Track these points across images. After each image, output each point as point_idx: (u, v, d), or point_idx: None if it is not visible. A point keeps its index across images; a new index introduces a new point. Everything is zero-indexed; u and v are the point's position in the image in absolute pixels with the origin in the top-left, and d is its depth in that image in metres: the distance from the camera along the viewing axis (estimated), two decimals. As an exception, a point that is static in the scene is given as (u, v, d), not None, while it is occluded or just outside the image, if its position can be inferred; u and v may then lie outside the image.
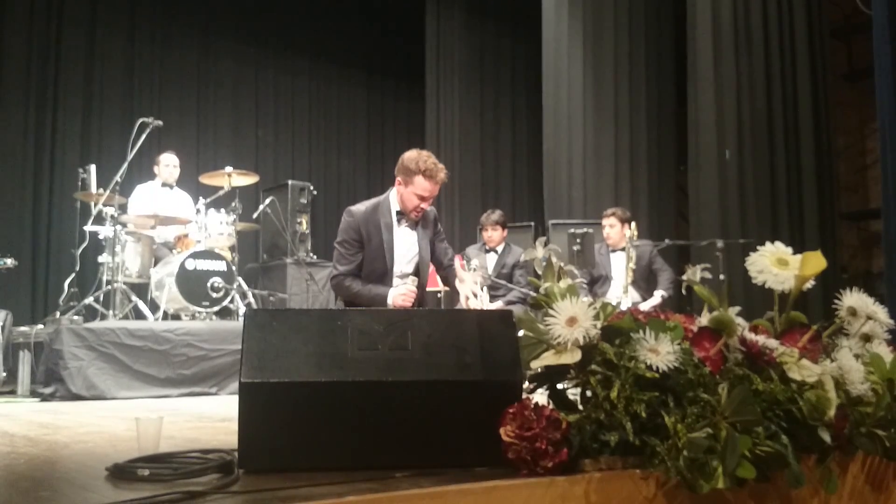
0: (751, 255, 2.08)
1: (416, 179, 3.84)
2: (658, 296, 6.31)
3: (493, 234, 6.73)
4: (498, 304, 6.42)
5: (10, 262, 5.71)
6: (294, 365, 1.81)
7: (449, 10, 9.81)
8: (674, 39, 8.25)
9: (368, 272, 3.90)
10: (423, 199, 3.87)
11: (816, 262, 2.02)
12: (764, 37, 6.60)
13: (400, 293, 3.80)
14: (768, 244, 2.11)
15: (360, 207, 3.95)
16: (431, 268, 6.10)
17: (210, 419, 3.71)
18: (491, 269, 6.61)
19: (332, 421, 1.79)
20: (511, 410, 1.74)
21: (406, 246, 3.97)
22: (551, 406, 1.82)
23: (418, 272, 3.96)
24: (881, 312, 2.19)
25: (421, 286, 4.01)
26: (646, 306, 6.05)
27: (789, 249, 2.09)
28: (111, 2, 8.85)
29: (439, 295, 6.46)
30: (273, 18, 9.89)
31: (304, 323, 1.89)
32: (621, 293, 6.04)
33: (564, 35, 8.09)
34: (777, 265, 2.04)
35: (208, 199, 6.63)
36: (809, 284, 2.07)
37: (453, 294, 6.62)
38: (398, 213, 3.95)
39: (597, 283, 6.54)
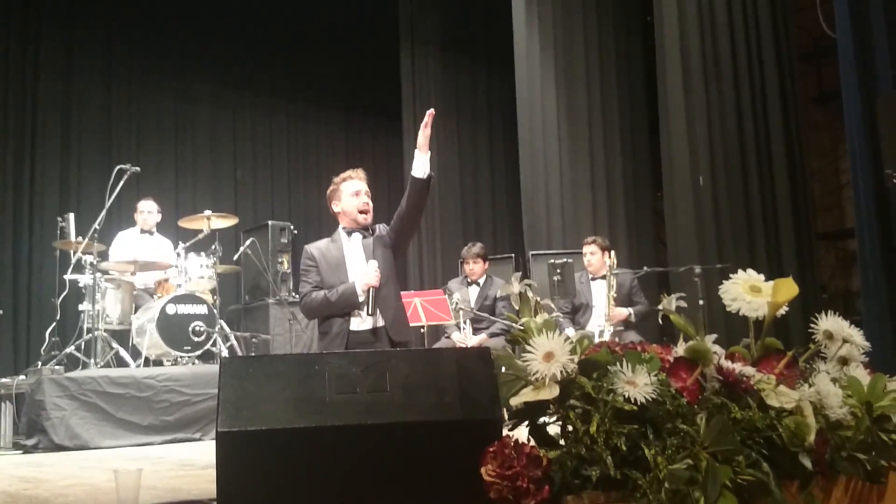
0: (724, 284, 2.10)
1: (342, 188, 4.09)
2: (628, 311, 6.24)
3: (475, 267, 6.74)
4: (481, 337, 6.42)
5: None
6: (272, 412, 1.80)
7: (423, 48, 9.90)
8: (644, 69, 8.38)
9: (329, 287, 3.97)
10: (357, 194, 4.06)
11: (788, 288, 2.03)
12: (732, 64, 6.70)
13: (364, 280, 3.85)
14: (741, 272, 2.13)
15: (314, 243, 4.16)
16: (413, 301, 6.13)
17: (193, 466, 3.68)
18: (473, 302, 6.62)
19: (313, 466, 1.78)
20: (491, 449, 1.74)
21: (360, 256, 4.03)
22: (532, 443, 1.81)
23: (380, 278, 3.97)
24: (857, 335, 2.21)
25: (387, 289, 3.99)
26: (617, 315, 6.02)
27: (762, 276, 2.11)
28: (87, 49, 8.84)
29: (422, 330, 6.45)
30: (248, 60, 9.91)
31: (281, 369, 1.88)
32: (603, 321, 6.04)
33: (537, 68, 8.18)
34: (750, 292, 2.06)
35: (188, 243, 6.61)
36: (783, 310, 2.09)
37: (438, 328, 6.64)
38: (346, 230, 4.09)
39: (578, 312, 6.54)
